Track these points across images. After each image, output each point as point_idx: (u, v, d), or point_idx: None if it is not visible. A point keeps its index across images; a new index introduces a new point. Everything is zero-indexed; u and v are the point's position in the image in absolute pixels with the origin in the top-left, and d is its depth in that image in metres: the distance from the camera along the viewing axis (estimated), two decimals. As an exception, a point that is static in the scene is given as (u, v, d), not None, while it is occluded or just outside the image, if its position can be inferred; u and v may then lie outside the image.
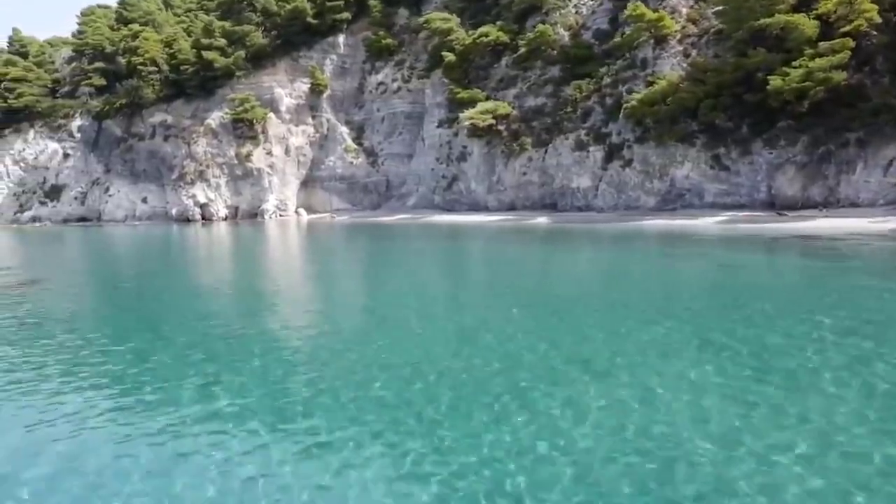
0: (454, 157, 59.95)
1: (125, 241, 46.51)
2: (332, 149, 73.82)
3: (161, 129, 79.33)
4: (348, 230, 48.87)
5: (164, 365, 10.24)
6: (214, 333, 12.42)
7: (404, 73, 71.69)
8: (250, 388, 9.10)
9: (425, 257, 28.47)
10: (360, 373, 9.45)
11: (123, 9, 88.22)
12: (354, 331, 12.38)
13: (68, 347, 11.56)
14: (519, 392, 8.46)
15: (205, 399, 8.58)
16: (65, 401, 8.57)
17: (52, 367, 10.27)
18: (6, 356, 10.99)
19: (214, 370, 9.89)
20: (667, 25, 43.09)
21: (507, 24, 59.63)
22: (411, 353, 10.46)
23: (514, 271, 22.17)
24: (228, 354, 10.77)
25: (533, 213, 49.36)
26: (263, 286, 19.94)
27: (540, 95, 54.22)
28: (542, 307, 13.92)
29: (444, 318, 13.22)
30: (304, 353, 11.00)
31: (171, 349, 10.96)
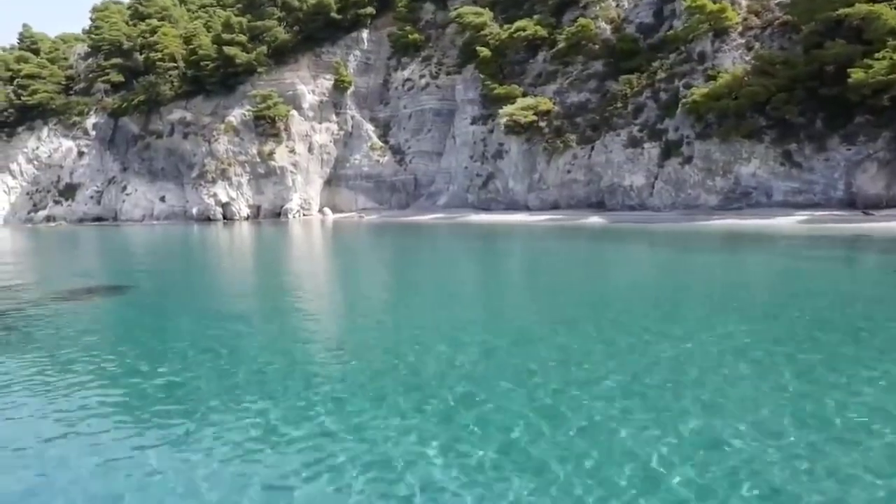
0: (490, 154, 57.53)
1: (155, 240, 43.87)
2: (357, 147, 71.29)
3: (180, 126, 76.60)
4: (380, 230, 46.31)
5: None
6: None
7: (432, 69, 69.18)
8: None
9: (482, 261, 25.75)
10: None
11: (139, 4, 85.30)
12: (431, 361, 9.61)
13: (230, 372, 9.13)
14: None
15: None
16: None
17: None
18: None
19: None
20: (729, 17, 40.76)
21: (544, 18, 57.22)
22: (492, 386, 8.04)
23: (598, 277, 19.79)
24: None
25: (579, 213, 47.00)
26: (337, 300, 17.45)
27: (583, 91, 51.87)
28: (642, 325, 11.48)
29: (531, 341, 10.82)
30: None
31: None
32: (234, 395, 8.10)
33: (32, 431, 7.08)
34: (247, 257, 30.92)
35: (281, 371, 9.01)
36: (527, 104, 52.62)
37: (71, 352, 10.43)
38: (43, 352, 10.65)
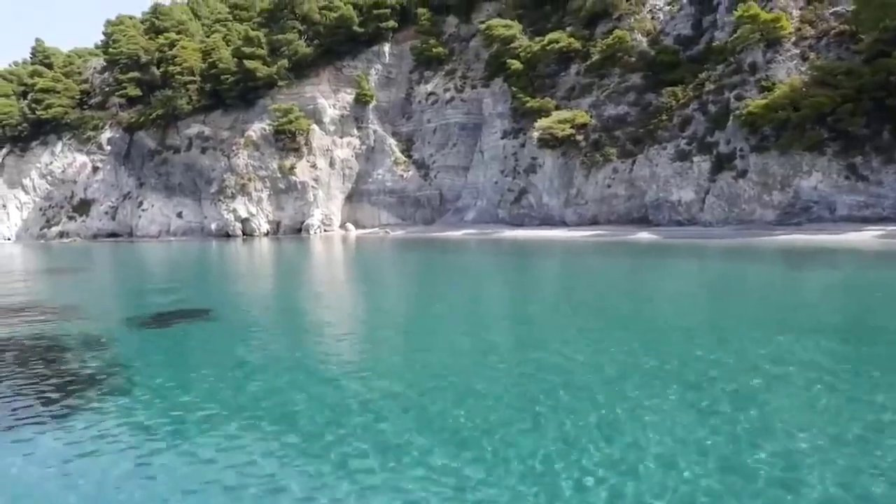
0: (521, 169, 55.68)
1: (185, 257, 41.64)
2: (379, 161, 69.43)
3: (198, 141, 74.73)
4: (410, 247, 44.08)
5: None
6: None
7: (457, 82, 67.51)
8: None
9: (531, 281, 23.54)
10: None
11: (156, 18, 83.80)
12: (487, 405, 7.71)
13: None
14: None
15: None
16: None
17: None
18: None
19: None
20: (783, 26, 39.11)
21: (577, 31, 55.70)
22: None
23: (678, 298, 17.71)
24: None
25: (622, 228, 45.05)
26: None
27: (621, 104, 50.16)
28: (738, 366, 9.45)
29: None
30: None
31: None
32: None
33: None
34: (293, 277, 28.75)
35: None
36: (563, 117, 50.88)
37: (213, 400, 8.34)
38: (171, 394, 8.57)
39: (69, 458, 6.82)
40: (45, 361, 11.26)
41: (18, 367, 10.98)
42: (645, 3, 54.40)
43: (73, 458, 6.83)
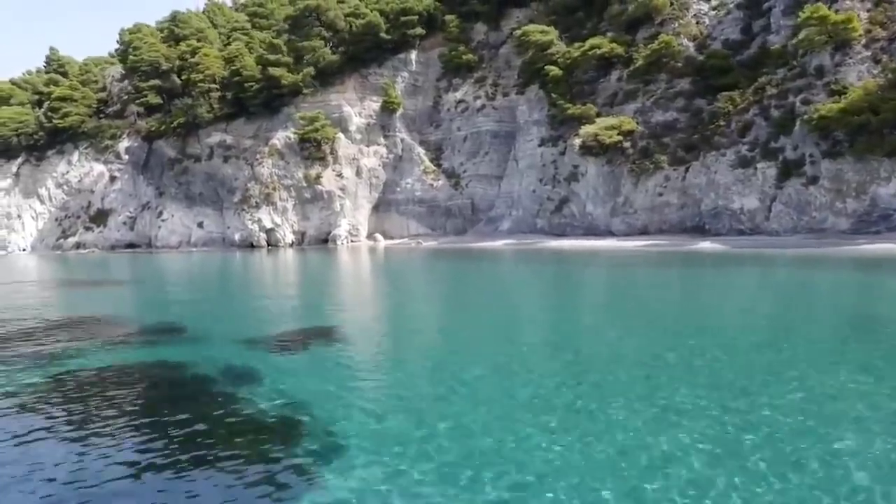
0: (562, 177, 53.54)
1: (225, 268, 39.13)
2: (408, 170, 67.25)
3: (220, 149, 72.46)
4: (447, 258, 41.55)
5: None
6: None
7: (487, 89, 65.55)
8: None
9: (604, 296, 21.07)
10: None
11: (175, 26, 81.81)
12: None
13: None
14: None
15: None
16: None
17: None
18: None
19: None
20: (854, 28, 37.23)
21: (618, 36, 53.82)
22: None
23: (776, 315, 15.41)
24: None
25: (676, 238, 42.83)
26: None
27: (669, 110, 48.16)
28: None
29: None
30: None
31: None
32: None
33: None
34: (366, 288, 26.32)
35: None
36: (609, 123, 48.84)
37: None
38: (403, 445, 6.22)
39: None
40: (199, 399, 8.89)
41: (168, 406, 8.62)
42: (689, 8, 52.64)
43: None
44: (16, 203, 79.47)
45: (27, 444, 7.22)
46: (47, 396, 9.27)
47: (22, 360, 11.54)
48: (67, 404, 8.84)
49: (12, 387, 9.73)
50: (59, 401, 9.03)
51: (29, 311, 19.24)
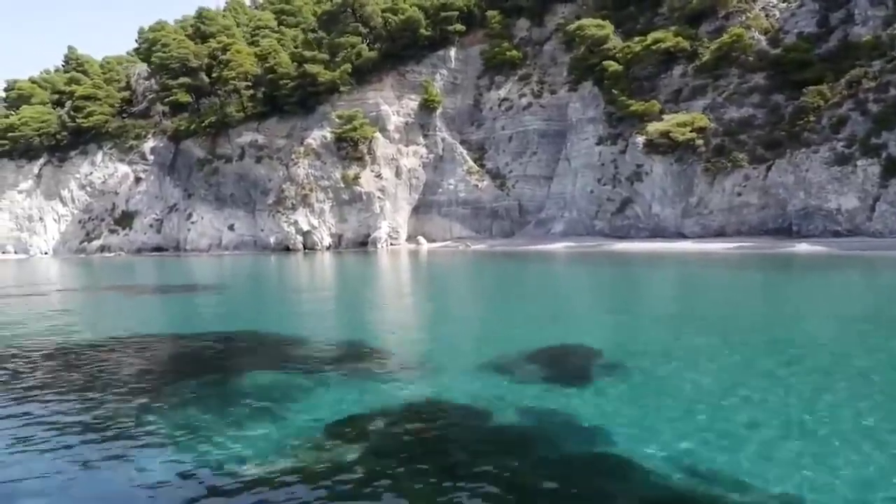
0: (623, 177, 50.59)
1: (297, 272, 35.86)
2: (450, 171, 64.16)
3: (252, 149, 69.31)
4: (511, 262, 38.39)
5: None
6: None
7: (533, 87, 62.62)
8: None
9: (737, 304, 17.95)
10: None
11: (201, 23, 78.68)
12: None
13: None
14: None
15: None
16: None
17: None
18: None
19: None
20: (966, 15, 34.54)
21: (683, 30, 50.99)
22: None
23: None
24: None
25: (760, 240, 39.85)
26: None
27: (744, 106, 45.29)
28: None
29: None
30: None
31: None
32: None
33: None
34: (507, 296, 23.15)
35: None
36: (680, 120, 45.95)
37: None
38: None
39: None
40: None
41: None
42: (756, 0, 49.85)
43: None
44: (37, 205, 76.04)
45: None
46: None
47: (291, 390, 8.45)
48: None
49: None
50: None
51: (186, 323, 16.02)
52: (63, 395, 8.93)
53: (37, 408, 8.20)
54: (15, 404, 8.43)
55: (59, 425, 7.48)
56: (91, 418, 7.73)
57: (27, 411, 8.07)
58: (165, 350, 12.42)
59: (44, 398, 8.74)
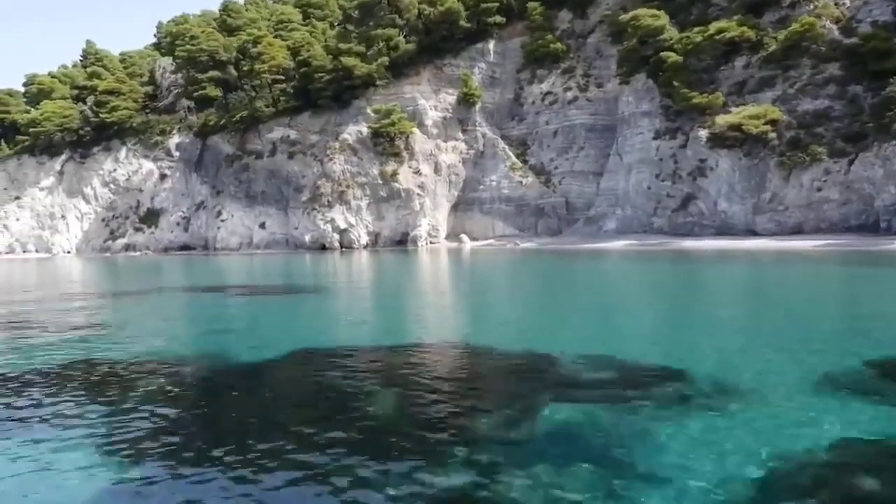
0: (684, 172, 48.13)
1: (377, 275, 32.99)
2: (491, 167, 61.59)
3: (283, 145, 66.62)
4: (572, 262, 35.68)
5: None
6: None
7: (578, 80, 60.12)
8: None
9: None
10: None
11: (227, 16, 75.98)
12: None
13: None
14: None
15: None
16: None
17: None
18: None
19: None
20: None
21: (747, 19, 48.55)
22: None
23: None
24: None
25: (848, 238, 37.42)
26: None
27: (819, 97, 42.90)
28: None
29: None
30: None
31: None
32: None
33: None
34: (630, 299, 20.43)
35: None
36: (752, 113, 43.52)
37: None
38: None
39: None
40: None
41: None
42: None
43: None
44: (59, 202, 73.19)
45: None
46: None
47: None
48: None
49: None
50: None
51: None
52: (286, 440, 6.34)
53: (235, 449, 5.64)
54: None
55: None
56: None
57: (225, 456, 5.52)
58: (387, 369, 9.76)
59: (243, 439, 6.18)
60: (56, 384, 8.87)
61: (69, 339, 12.67)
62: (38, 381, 9.02)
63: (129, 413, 7.27)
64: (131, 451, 6.06)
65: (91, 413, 7.37)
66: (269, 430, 6.56)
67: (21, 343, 12.41)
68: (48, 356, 10.79)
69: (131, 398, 7.95)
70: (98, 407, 7.65)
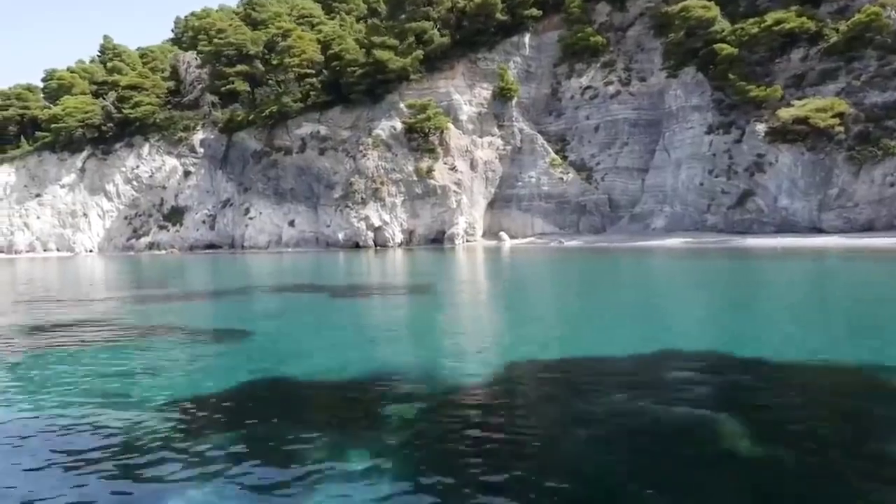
0: (740, 168, 46.29)
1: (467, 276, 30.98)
2: (529, 163, 59.63)
3: (313, 141, 64.54)
4: (636, 261, 34.06)
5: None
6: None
7: (620, 74, 58.22)
8: None
9: None
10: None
11: (252, 9, 73.85)
12: None
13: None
14: None
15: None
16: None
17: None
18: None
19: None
20: None
21: (806, 9, 46.70)
22: None
23: None
24: None
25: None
26: None
27: (888, 90, 41.06)
28: None
29: None
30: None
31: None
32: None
33: None
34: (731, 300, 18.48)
35: None
36: (818, 105, 41.66)
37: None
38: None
39: None
40: None
41: None
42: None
43: None
44: (81, 200, 70.97)
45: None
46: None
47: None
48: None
49: None
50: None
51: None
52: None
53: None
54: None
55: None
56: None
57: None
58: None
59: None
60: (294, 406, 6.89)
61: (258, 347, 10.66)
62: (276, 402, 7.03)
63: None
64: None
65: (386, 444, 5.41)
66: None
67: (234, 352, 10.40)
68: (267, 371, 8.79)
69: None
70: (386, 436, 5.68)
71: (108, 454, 5.80)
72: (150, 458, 5.68)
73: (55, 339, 12.26)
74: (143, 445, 6.01)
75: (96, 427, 6.57)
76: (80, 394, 7.95)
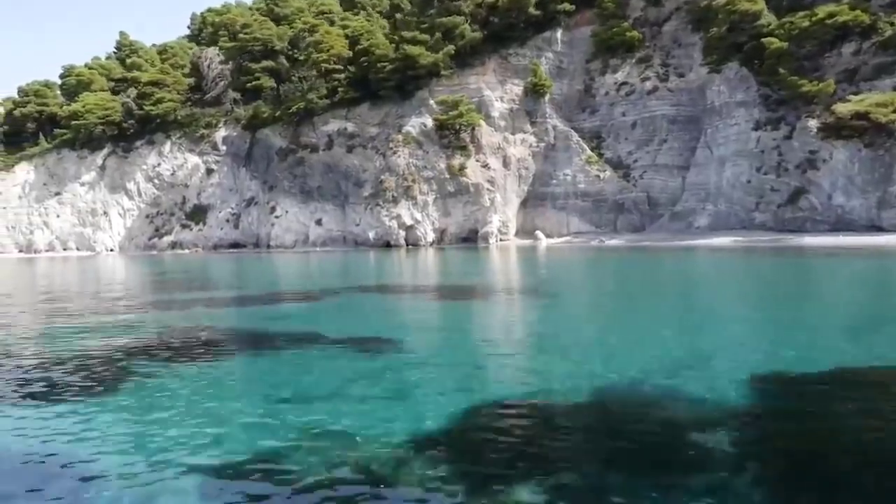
0: (791, 165, 44.90)
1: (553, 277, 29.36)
2: (564, 161, 58.13)
3: (341, 138, 62.98)
4: (690, 261, 32.56)
5: None
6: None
7: (657, 70, 56.78)
8: None
9: None
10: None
11: (275, 4, 72.16)
12: None
13: None
14: None
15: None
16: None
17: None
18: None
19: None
20: None
21: (858, 3, 45.28)
22: None
23: None
24: None
25: None
26: None
27: (950, 84, 39.79)
28: None
29: None
30: None
31: None
32: None
33: None
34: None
35: None
36: (879, 100, 40.28)
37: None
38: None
39: None
40: None
41: None
42: (941, -30, 44.29)
43: None
44: (101, 198, 69.28)
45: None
46: None
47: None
48: None
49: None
50: None
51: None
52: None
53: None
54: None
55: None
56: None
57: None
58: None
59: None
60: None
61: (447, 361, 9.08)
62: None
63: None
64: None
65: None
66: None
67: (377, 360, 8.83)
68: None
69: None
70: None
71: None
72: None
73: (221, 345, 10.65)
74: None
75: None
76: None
